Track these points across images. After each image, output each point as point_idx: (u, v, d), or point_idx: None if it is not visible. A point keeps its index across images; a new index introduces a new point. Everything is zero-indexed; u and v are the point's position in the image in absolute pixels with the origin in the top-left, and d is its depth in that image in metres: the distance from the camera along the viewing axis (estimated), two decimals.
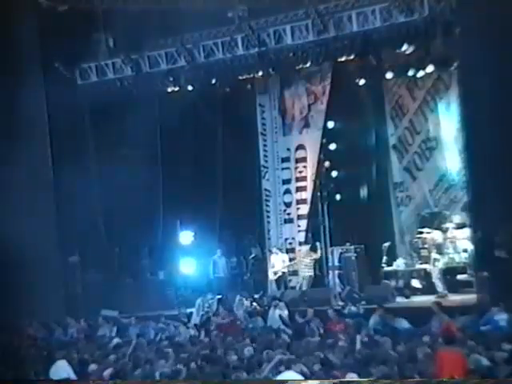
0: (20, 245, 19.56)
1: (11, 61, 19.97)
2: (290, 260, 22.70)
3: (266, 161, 23.74)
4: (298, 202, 23.16)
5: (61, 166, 21.10)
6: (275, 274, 21.88)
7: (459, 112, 18.57)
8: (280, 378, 10.83)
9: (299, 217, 23.15)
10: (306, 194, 22.96)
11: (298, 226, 23.15)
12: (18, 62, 20.16)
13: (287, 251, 23.09)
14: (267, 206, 23.73)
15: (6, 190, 19.77)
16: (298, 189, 23.19)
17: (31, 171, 20.06)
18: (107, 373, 12.36)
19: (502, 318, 15.08)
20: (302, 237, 22.96)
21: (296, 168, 23.23)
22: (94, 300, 21.24)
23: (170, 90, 22.47)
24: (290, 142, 23.42)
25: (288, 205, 23.38)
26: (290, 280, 22.92)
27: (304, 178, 23.02)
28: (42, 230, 20.40)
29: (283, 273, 21.95)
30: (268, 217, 23.69)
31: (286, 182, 23.42)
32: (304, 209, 23.04)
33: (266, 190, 23.73)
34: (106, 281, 22.55)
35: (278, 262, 21.98)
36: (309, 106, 22.97)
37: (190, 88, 22.26)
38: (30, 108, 20.35)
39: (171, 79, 22.12)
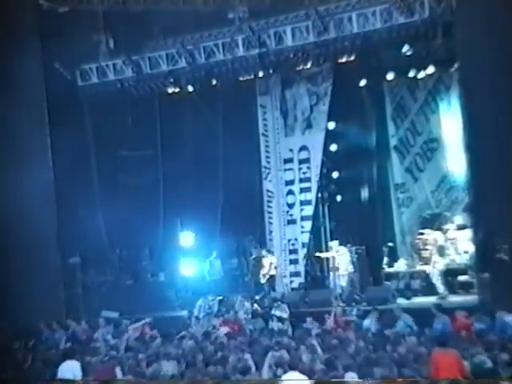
0: (21, 246, 19.61)
1: (12, 62, 19.99)
2: (291, 262, 22.75)
3: (268, 162, 23.63)
4: (302, 203, 23.06)
5: (61, 167, 21.10)
6: (264, 276, 21.77)
7: (460, 113, 18.53)
8: (282, 378, 10.84)
9: (303, 218, 23.03)
10: (310, 195, 22.86)
11: (302, 227, 23.04)
12: (19, 63, 20.17)
13: (290, 252, 23.08)
14: (269, 207, 23.64)
15: (7, 191, 19.80)
16: (302, 190, 23.07)
17: (32, 172, 20.04)
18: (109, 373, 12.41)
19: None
20: (305, 238, 22.86)
21: (300, 169, 23.13)
22: (94, 301, 21.24)
23: (170, 90, 22.49)
24: (293, 142, 23.32)
25: (291, 206, 23.28)
26: (291, 281, 22.95)
27: (308, 179, 22.93)
28: (43, 231, 20.40)
29: (271, 275, 21.87)
30: (270, 218, 23.61)
31: (289, 183, 23.30)
32: (308, 210, 22.93)
33: (268, 191, 23.63)
34: (106, 282, 22.58)
35: (267, 265, 21.88)
36: (311, 107, 22.92)
37: (190, 89, 22.28)
38: (31, 109, 20.38)
39: (172, 80, 22.14)
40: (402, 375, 10.88)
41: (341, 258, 20.83)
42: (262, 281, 21.72)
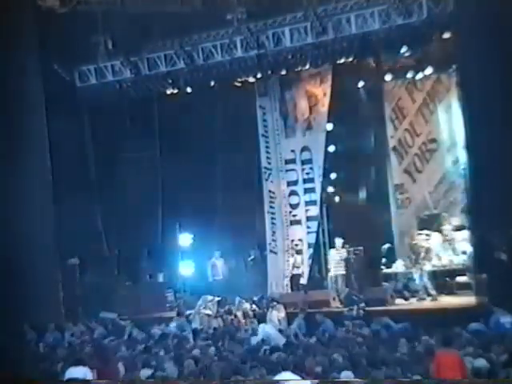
0: (19, 247, 19.59)
1: (10, 63, 19.97)
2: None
3: (269, 163, 23.50)
4: (307, 203, 22.94)
5: (60, 168, 21.09)
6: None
7: (459, 114, 18.57)
8: (277, 378, 10.84)
9: (308, 218, 22.89)
10: (315, 196, 22.74)
11: (308, 227, 22.89)
12: (17, 64, 20.16)
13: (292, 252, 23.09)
14: (271, 207, 23.58)
15: (5, 191, 19.77)
16: (306, 190, 22.93)
17: (30, 173, 20.05)
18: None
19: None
20: (312, 238, 22.76)
21: (303, 170, 23.04)
22: (92, 302, 21.23)
23: (168, 92, 22.46)
24: (294, 143, 23.21)
25: (294, 206, 23.19)
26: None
27: (312, 180, 22.80)
28: (41, 231, 20.40)
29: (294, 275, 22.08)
30: (273, 219, 23.52)
31: (292, 183, 23.19)
32: (313, 210, 22.80)
33: (270, 191, 23.55)
34: (105, 283, 22.55)
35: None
36: (310, 108, 22.88)
37: (188, 90, 22.25)
38: (29, 110, 20.37)
39: (170, 81, 22.11)
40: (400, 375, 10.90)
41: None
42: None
